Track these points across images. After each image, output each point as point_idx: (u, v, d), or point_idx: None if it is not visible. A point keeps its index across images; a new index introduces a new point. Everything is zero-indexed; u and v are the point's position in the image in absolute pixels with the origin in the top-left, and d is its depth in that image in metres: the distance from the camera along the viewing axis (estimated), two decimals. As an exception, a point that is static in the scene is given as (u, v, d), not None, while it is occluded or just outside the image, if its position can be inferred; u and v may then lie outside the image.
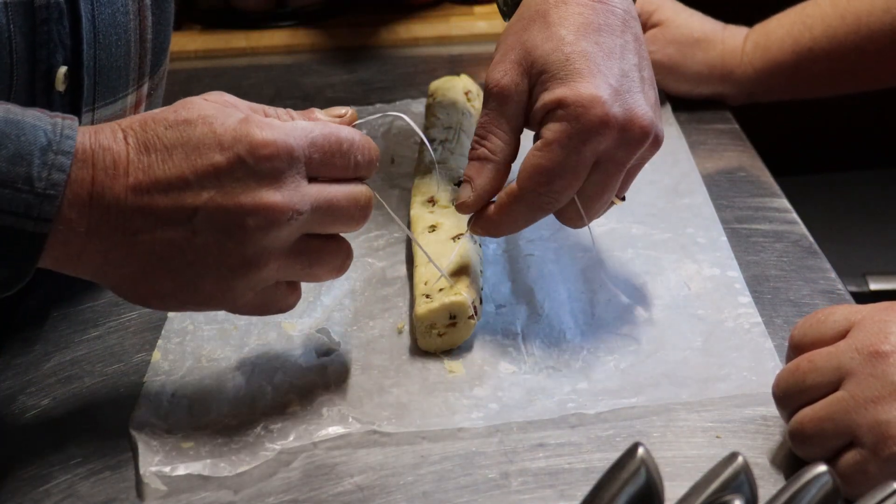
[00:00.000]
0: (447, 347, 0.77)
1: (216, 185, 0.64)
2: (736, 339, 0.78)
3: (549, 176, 0.73)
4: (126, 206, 0.64)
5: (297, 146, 0.66)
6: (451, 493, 0.66)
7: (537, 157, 0.74)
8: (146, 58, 0.84)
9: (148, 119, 0.66)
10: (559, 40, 0.75)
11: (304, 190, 0.66)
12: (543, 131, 0.74)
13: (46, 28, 0.73)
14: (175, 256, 0.65)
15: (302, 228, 0.67)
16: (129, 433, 0.70)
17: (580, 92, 0.73)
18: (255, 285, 0.67)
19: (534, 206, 0.74)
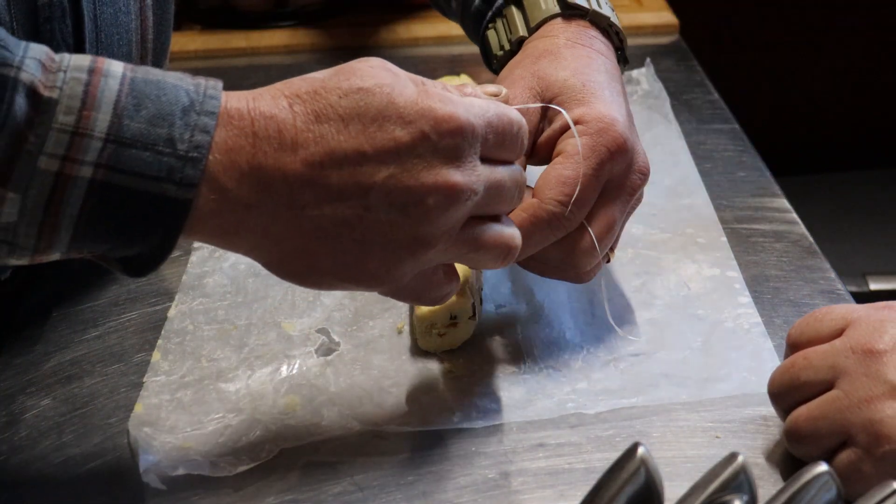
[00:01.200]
0: (447, 347, 0.77)
1: (396, 160, 0.61)
2: (736, 340, 0.78)
3: (571, 186, 0.72)
4: (294, 179, 0.60)
5: (478, 125, 0.63)
6: (451, 492, 0.66)
7: (559, 168, 0.73)
8: (147, 58, 0.84)
9: (318, 86, 0.62)
10: (573, 70, 0.77)
11: (480, 170, 0.64)
12: (564, 146, 0.74)
13: (49, 27, 0.73)
14: (343, 233, 0.61)
15: (473, 210, 0.64)
16: (129, 433, 0.70)
17: (601, 111, 0.74)
18: (420, 266, 0.64)
19: (552, 220, 0.72)
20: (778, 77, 1.95)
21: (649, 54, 1.20)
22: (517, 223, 0.71)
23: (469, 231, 0.65)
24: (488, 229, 0.66)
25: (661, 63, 1.22)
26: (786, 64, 1.95)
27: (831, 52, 1.94)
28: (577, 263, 0.74)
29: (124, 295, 0.86)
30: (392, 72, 0.63)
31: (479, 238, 0.66)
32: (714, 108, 1.15)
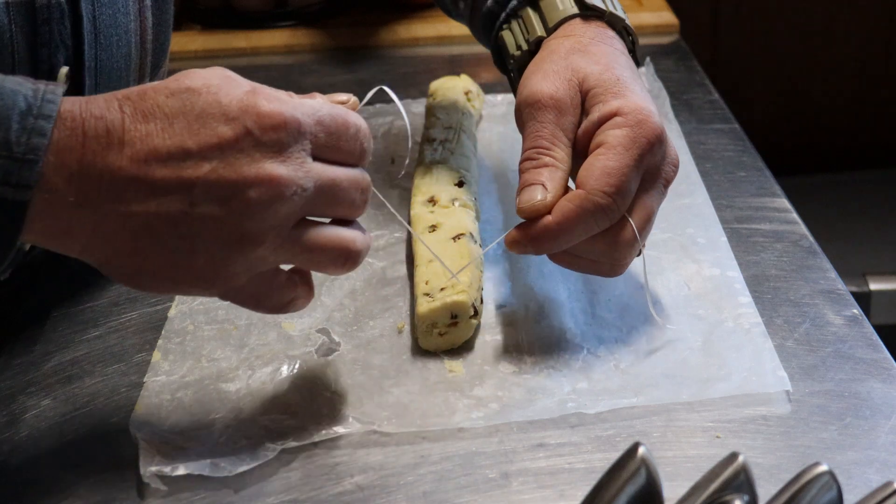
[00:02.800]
0: (448, 347, 0.77)
1: (219, 156, 0.62)
2: (736, 339, 0.78)
3: (617, 177, 0.72)
4: (120, 176, 0.61)
5: (305, 122, 0.64)
6: (452, 492, 0.66)
7: (602, 159, 0.73)
8: (147, 58, 0.84)
9: (147, 88, 0.63)
10: (606, 65, 0.78)
11: (309, 166, 0.64)
12: (604, 137, 0.74)
13: (48, 28, 0.73)
14: (169, 230, 0.62)
15: (304, 208, 0.65)
16: (130, 433, 0.70)
17: (638, 103, 0.75)
18: (250, 266, 0.65)
19: (598, 211, 0.72)
20: (778, 77, 1.95)
21: (649, 54, 1.20)
22: (564, 214, 0.72)
23: (301, 231, 0.65)
24: (323, 231, 0.66)
25: (661, 63, 1.22)
26: (786, 64, 1.94)
27: (831, 51, 1.94)
28: (620, 255, 0.75)
29: (124, 295, 0.86)
30: (226, 76, 0.65)
31: (312, 239, 0.66)
32: (714, 108, 1.15)
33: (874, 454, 0.68)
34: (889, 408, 0.72)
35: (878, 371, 0.75)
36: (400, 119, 1.11)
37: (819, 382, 0.74)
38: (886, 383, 0.74)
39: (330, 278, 0.86)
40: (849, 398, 0.73)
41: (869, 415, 0.71)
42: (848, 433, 0.70)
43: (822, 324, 0.80)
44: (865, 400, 0.72)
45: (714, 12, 1.92)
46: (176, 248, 0.63)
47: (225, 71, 0.66)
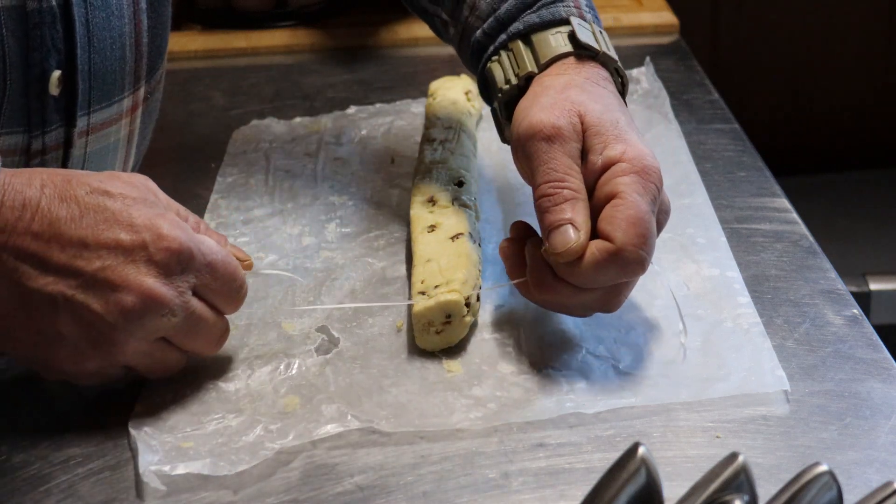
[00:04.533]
0: (445, 346, 0.77)
1: (112, 258, 0.67)
2: (735, 340, 0.78)
3: (644, 227, 0.71)
4: (21, 248, 0.66)
5: (198, 257, 0.69)
6: (452, 493, 0.66)
7: (623, 209, 0.72)
8: (142, 61, 0.84)
9: (73, 178, 0.68)
10: (605, 106, 0.77)
11: (187, 297, 0.69)
12: (616, 186, 0.73)
13: (39, 33, 0.73)
14: (46, 311, 0.67)
15: (169, 331, 0.70)
16: (129, 432, 0.70)
17: (640, 149, 0.75)
18: (104, 367, 0.70)
19: (633, 265, 0.72)
20: (778, 77, 1.95)
21: (649, 54, 1.20)
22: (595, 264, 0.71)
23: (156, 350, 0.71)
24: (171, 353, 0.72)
25: (661, 63, 1.22)
26: (786, 64, 1.94)
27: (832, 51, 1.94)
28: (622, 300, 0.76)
29: (124, 295, 0.86)
30: (148, 191, 0.71)
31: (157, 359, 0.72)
32: (714, 108, 1.15)
33: (874, 454, 0.68)
34: (889, 408, 0.72)
35: (878, 371, 0.75)
36: (400, 119, 1.12)
37: (819, 382, 0.74)
38: (886, 383, 0.74)
39: (330, 277, 0.86)
40: (849, 398, 0.73)
41: (869, 415, 0.71)
42: (848, 433, 0.70)
43: (822, 324, 0.80)
44: (865, 400, 0.72)
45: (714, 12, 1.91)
46: (45, 330, 0.68)
47: (149, 184, 0.72)
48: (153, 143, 0.96)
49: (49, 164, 0.78)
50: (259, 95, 1.22)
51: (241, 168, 1.03)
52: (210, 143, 1.09)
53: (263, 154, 1.06)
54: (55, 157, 0.79)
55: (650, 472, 0.55)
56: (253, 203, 0.97)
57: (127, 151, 0.86)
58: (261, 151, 1.06)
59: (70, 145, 0.79)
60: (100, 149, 0.82)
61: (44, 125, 0.77)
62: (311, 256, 0.89)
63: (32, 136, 0.77)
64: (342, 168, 1.02)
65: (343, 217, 0.94)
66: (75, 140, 0.79)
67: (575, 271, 0.72)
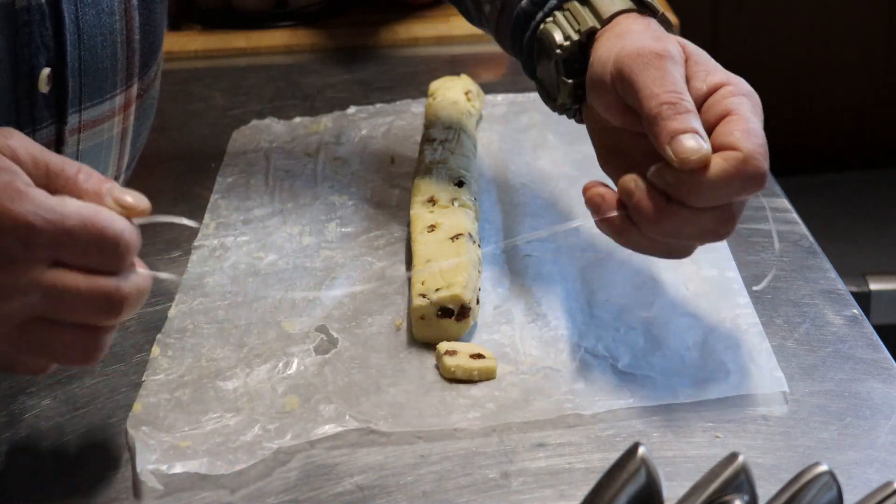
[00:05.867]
0: (442, 339, 0.77)
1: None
2: (734, 340, 0.78)
3: (763, 140, 0.69)
4: None
5: (45, 228, 0.60)
6: (452, 493, 0.66)
7: (741, 123, 0.69)
8: (134, 58, 0.84)
9: None
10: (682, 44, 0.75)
11: (36, 274, 0.60)
12: (729, 105, 0.70)
13: (28, 30, 0.73)
14: None
15: (32, 312, 0.61)
16: (127, 432, 0.70)
17: (740, 79, 0.73)
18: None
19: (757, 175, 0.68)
20: (778, 77, 1.95)
21: (649, 54, 1.19)
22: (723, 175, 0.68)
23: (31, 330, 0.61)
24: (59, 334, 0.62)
25: (661, 63, 1.21)
26: (786, 64, 1.95)
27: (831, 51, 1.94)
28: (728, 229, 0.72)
29: (124, 295, 0.86)
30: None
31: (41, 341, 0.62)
32: (714, 108, 1.14)
33: (874, 454, 0.68)
34: (889, 408, 0.72)
35: (878, 371, 0.75)
36: (400, 119, 1.11)
37: (819, 382, 0.74)
38: (886, 383, 0.74)
39: (330, 277, 0.86)
40: (849, 398, 0.73)
41: (869, 415, 0.71)
42: (848, 433, 0.70)
43: (822, 324, 0.80)
44: (865, 400, 0.72)
45: (714, 12, 1.92)
46: None
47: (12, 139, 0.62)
48: (153, 143, 0.96)
49: None
50: (259, 95, 1.22)
51: (241, 168, 1.03)
52: (210, 143, 1.09)
53: (263, 154, 1.06)
54: None
55: (650, 472, 0.55)
56: (253, 203, 0.97)
57: (121, 149, 0.86)
58: (261, 151, 1.06)
59: (62, 143, 0.79)
60: (92, 146, 0.82)
61: (34, 123, 0.77)
62: (311, 256, 0.89)
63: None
64: (342, 168, 1.02)
65: (343, 217, 0.94)
66: (67, 138, 0.79)
67: (700, 183, 0.68)
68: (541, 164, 1.01)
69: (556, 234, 0.89)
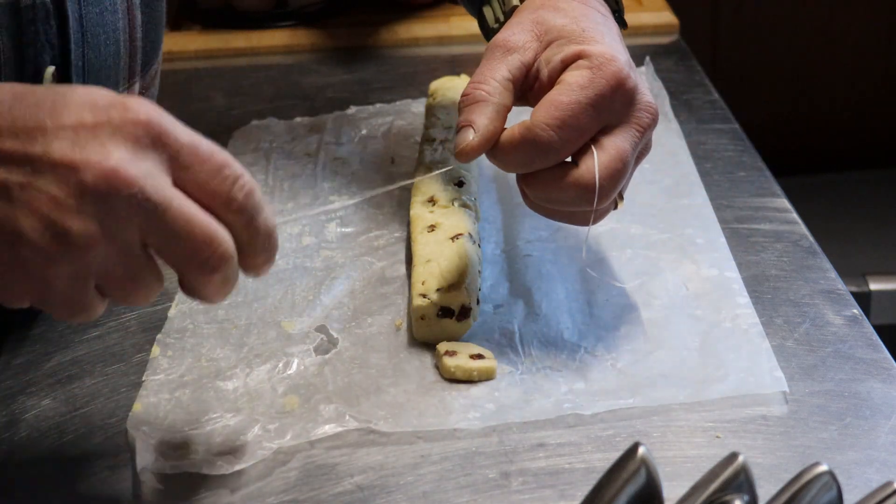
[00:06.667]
0: (442, 339, 0.77)
1: (72, 137, 0.58)
2: (734, 340, 0.78)
3: (564, 111, 0.71)
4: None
5: (172, 134, 0.59)
6: (452, 493, 0.66)
7: (554, 94, 0.72)
8: (136, 57, 0.84)
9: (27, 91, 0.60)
10: (574, 18, 0.77)
11: (162, 182, 0.58)
12: (563, 77, 0.73)
13: (33, 28, 0.73)
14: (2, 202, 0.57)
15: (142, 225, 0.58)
16: (127, 432, 0.70)
17: (601, 49, 0.74)
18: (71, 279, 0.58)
19: (539, 143, 0.71)
20: (778, 77, 1.95)
21: (649, 54, 1.19)
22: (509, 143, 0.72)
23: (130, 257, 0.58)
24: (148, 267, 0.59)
25: (661, 63, 1.22)
26: (786, 64, 1.94)
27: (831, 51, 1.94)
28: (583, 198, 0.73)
29: (124, 295, 0.86)
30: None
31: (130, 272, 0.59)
32: (714, 108, 1.15)
33: (874, 454, 0.68)
34: (889, 408, 0.72)
35: (878, 371, 0.75)
36: (400, 119, 1.11)
37: (819, 382, 0.74)
38: (886, 383, 0.74)
39: (329, 277, 0.86)
40: (849, 398, 0.73)
41: (869, 415, 0.71)
42: (848, 433, 0.70)
43: (822, 324, 0.80)
44: (865, 400, 0.72)
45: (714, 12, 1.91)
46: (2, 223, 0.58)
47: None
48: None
49: None
50: (259, 95, 1.22)
51: (240, 168, 1.03)
52: (210, 143, 1.09)
53: (263, 154, 1.06)
54: None
55: (650, 472, 0.54)
56: (253, 203, 0.97)
57: None
58: (261, 151, 1.06)
59: None
60: None
61: None
62: (311, 256, 0.89)
63: None
64: (342, 168, 1.02)
65: (343, 217, 0.94)
66: None
67: (493, 152, 0.73)
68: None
69: (556, 235, 0.89)
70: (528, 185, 0.75)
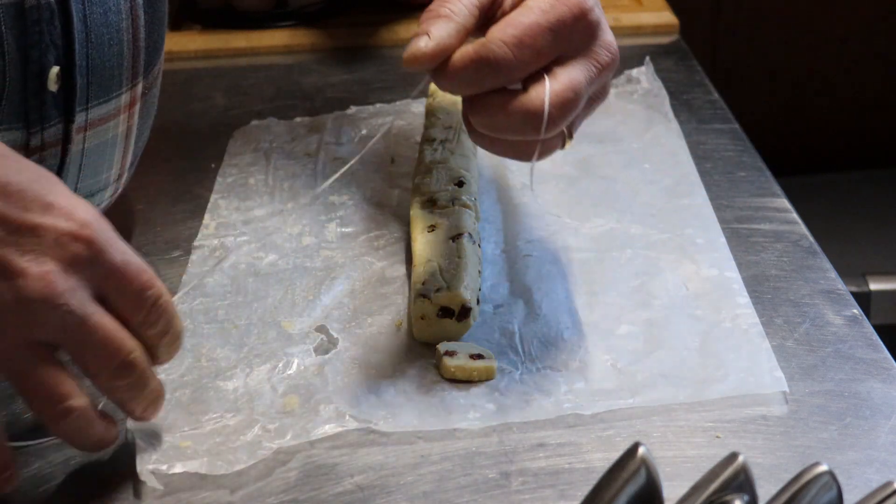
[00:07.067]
0: (442, 339, 0.77)
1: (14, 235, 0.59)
2: (734, 340, 0.78)
3: (522, 30, 0.69)
4: None
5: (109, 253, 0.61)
6: (452, 493, 0.66)
7: (514, 14, 0.70)
8: (139, 57, 0.84)
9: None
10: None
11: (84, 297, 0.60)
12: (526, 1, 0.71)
13: (38, 29, 0.73)
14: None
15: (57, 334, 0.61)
16: (127, 432, 0.70)
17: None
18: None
19: (494, 59, 0.68)
20: (778, 77, 1.95)
21: (649, 54, 1.20)
22: (462, 56, 0.69)
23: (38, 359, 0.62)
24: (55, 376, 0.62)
25: (661, 63, 1.22)
26: (786, 64, 1.94)
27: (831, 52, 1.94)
28: (530, 125, 0.70)
29: (124, 295, 0.85)
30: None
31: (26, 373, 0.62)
32: (714, 108, 1.15)
33: (874, 454, 0.68)
34: (889, 408, 0.72)
35: (878, 371, 0.75)
36: (400, 119, 1.11)
37: (819, 382, 0.74)
38: (886, 383, 0.74)
39: (330, 276, 0.86)
40: (849, 398, 0.73)
41: (869, 415, 0.71)
42: (848, 433, 0.70)
43: (822, 324, 0.80)
44: (865, 400, 0.72)
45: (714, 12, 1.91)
46: None
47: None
48: (153, 143, 0.96)
49: (47, 161, 0.78)
50: (259, 95, 1.22)
51: (241, 168, 1.03)
52: (210, 143, 1.09)
53: (263, 154, 1.06)
54: (54, 153, 0.79)
55: (650, 472, 0.54)
56: (253, 203, 0.97)
57: (125, 147, 0.86)
58: (261, 151, 1.06)
59: (68, 141, 0.79)
60: (98, 144, 0.82)
61: (42, 121, 0.77)
62: (311, 256, 0.89)
63: (31, 133, 0.77)
64: (342, 168, 1.02)
65: (343, 217, 0.94)
66: (73, 136, 0.79)
67: (444, 71, 0.70)
68: (541, 164, 1.01)
69: (556, 236, 0.89)
70: (473, 111, 0.71)
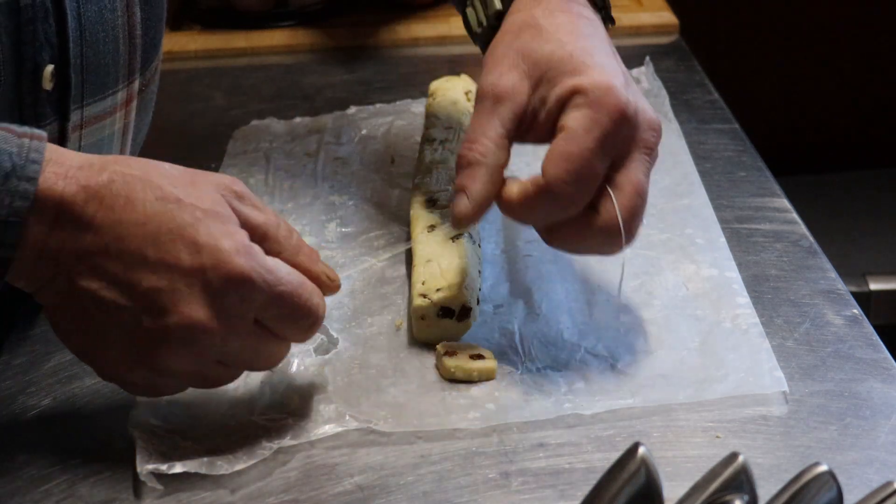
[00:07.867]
0: (442, 339, 0.77)
1: (167, 279, 0.64)
2: (733, 340, 0.78)
3: (576, 163, 0.70)
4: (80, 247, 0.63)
5: (261, 289, 0.65)
6: (452, 492, 0.66)
7: (562, 144, 0.71)
8: (136, 54, 0.84)
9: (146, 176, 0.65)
10: (557, 41, 0.74)
11: (241, 327, 0.65)
12: (565, 120, 0.71)
13: (32, 27, 0.73)
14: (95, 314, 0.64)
15: (219, 356, 0.66)
16: (128, 432, 0.70)
17: (595, 79, 0.72)
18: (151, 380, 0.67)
19: (556, 199, 0.71)
20: (778, 77, 1.95)
21: (649, 54, 1.20)
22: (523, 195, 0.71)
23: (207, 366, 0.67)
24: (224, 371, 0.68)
25: (661, 63, 1.22)
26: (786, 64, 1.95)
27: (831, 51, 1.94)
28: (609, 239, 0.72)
29: (124, 295, 0.85)
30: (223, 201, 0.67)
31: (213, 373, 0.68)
32: (714, 108, 1.15)
33: (874, 454, 0.68)
34: (889, 408, 0.72)
35: (878, 371, 0.75)
36: (400, 119, 1.11)
37: (819, 382, 0.74)
38: (886, 383, 0.74)
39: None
40: (849, 398, 0.73)
41: (869, 415, 0.71)
42: (848, 433, 0.70)
43: (822, 324, 0.80)
44: (865, 400, 0.72)
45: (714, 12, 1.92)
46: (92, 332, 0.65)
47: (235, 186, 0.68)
48: (153, 143, 0.96)
49: None
50: (259, 95, 1.22)
51: (241, 168, 1.03)
52: (210, 143, 1.09)
53: (263, 154, 1.06)
54: None
55: (650, 472, 0.54)
56: (253, 203, 0.97)
57: (122, 144, 0.86)
58: (261, 151, 1.06)
59: (64, 140, 0.79)
60: (94, 142, 0.82)
61: (37, 120, 0.77)
62: (310, 256, 0.89)
63: None
64: (342, 168, 1.02)
65: (343, 217, 0.94)
66: (69, 134, 0.79)
67: (510, 208, 0.73)
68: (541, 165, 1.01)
69: None
70: (550, 239, 0.74)
